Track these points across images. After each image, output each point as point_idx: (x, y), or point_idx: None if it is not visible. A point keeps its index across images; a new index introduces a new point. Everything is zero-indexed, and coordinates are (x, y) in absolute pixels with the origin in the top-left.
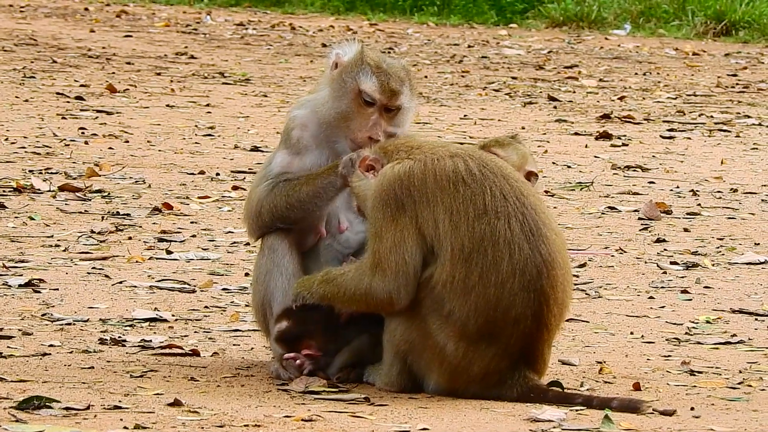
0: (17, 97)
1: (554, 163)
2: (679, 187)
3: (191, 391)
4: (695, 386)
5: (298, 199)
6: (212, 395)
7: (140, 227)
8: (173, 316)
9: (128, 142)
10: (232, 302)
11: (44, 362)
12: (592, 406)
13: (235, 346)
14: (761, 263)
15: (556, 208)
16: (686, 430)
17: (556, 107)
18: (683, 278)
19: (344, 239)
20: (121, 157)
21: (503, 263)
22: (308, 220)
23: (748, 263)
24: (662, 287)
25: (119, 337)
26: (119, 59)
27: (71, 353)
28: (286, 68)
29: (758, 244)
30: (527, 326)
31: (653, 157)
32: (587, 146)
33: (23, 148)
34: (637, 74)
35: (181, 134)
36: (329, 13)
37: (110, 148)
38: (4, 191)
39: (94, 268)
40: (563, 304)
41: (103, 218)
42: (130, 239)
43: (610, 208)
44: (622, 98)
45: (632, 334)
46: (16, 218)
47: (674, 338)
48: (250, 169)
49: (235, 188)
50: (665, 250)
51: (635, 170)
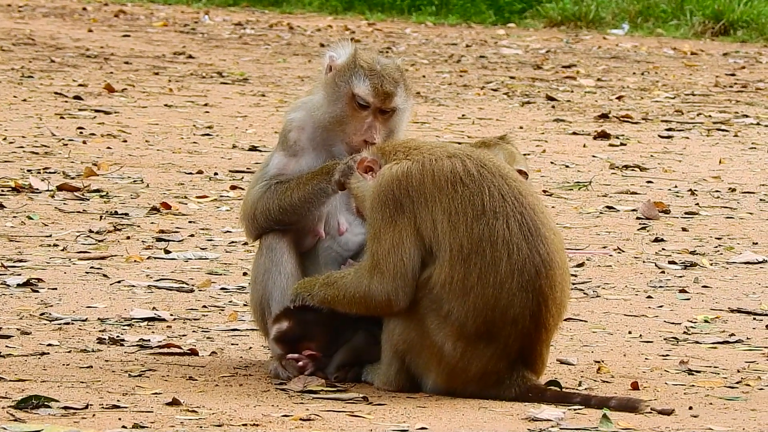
0: (15, 96)
1: (552, 162)
2: (677, 186)
3: (189, 390)
4: (693, 385)
5: (290, 203)
6: (210, 394)
7: (138, 227)
8: (171, 315)
9: (126, 141)
10: (230, 302)
11: (42, 362)
12: (590, 405)
13: (233, 345)
14: (759, 263)
15: (554, 207)
16: (684, 429)
17: (554, 107)
18: (681, 278)
19: (344, 241)
20: (119, 156)
21: (502, 263)
22: (303, 222)
23: (746, 262)
24: (660, 287)
25: (117, 336)
26: (117, 59)
27: (69, 353)
28: (284, 68)
29: (756, 243)
30: (525, 326)
31: (651, 156)
32: (585, 146)
33: (21, 147)
34: (635, 74)
35: (179, 134)
36: (327, 12)
37: (108, 147)
38: (2, 191)
39: (92, 267)
40: (561, 304)
41: (101, 218)
42: (128, 239)
43: (608, 207)
44: (620, 98)
45: (630, 333)
46: (14, 218)
47: (672, 337)
48: (248, 168)
49: (233, 188)
50: (663, 249)
51: (633, 170)
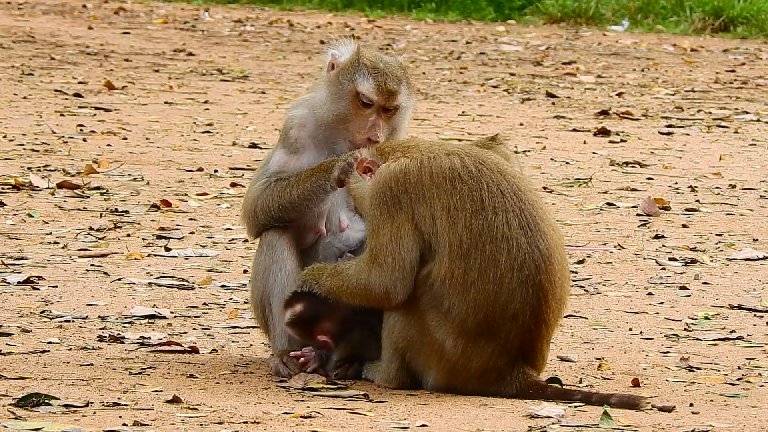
0: (15, 94)
1: (552, 159)
2: (677, 183)
3: (190, 387)
4: (694, 382)
5: (289, 200)
6: (211, 392)
7: (139, 224)
8: (172, 313)
9: (126, 139)
10: (230, 299)
11: (43, 359)
12: (591, 402)
13: (234, 342)
14: (760, 259)
15: (554, 204)
16: (685, 426)
17: (554, 103)
18: (682, 274)
19: (345, 237)
20: (119, 154)
21: (501, 259)
22: (304, 219)
23: (746, 259)
24: (661, 283)
25: (118, 334)
26: (117, 56)
27: (70, 350)
28: (284, 65)
29: (757, 239)
30: (526, 322)
31: (652, 153)
32: (585, 142)
33: (21, 145)
34: (635, 70)
35: (179, 131)
36: (327, 9)
37: (108, 145)
38: (2, 188)
39: (92, 265)
40: (561, 299)
41: (101, 215)
42: (128, 236)
43: (608, 204)
44: (620, 94)
45: (631, 330)
46: (14, 215)
47: (673, 334)
48: (248, 166)
49: (233, 185)
50: (664, 246)
51: (633, 166)
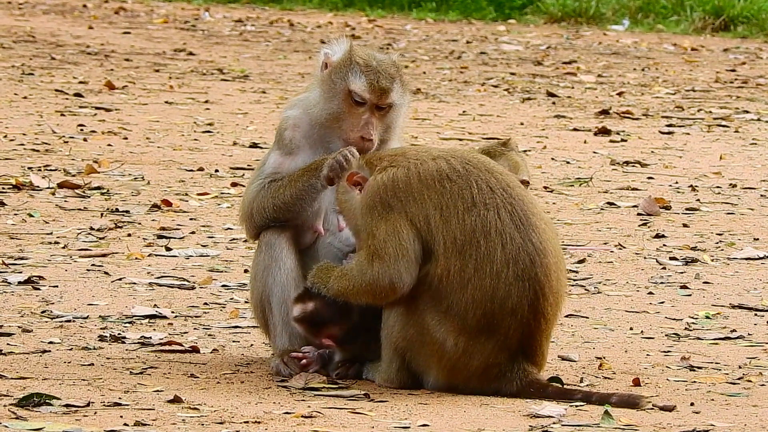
0: (16, 94)
1: (553, 158)
2: (678, 182)
3: (191, 387)
4: (695, 382)
5: (282, 201)
6: (212, 392)
7: (139, 224)
8: (173, 312)
9: (127, 138)
10: (231, 299)
11: (44, 359)
12: (591, 401)
13: (234, 342)
14: (760, 258)
15: (555, 204)
16: (686, 425)
17: (554, 103)
18: (682, 274)
19: (344, 237)
20: (120, 154)
21: (497, 254)
22: (300, 218)
23: (747, 258)
24: (661, 283)
25: (119, 334)
26: (118, 56)
27: (71, 350)
28: (284, 64)
29: (757, 239)
30: (524, 316)
31: (652, 152)
32: (586, 142)
33: (22, 145)
34: (635, 70)
35: (179, 131)
36: (327, 9)
37: (109, 144)
38: (3, 188)
39: (93, 265)
40: (558, 292)
41: (102, 215)
42: (129, 236)
43: (609, 203)
44: (620, 94)
45: (632, 329)
46: (15, 215)
47: (674, 334)
48: (249, 165)
49: (234, 185)
50: (664, 245)
51: (634, 166)
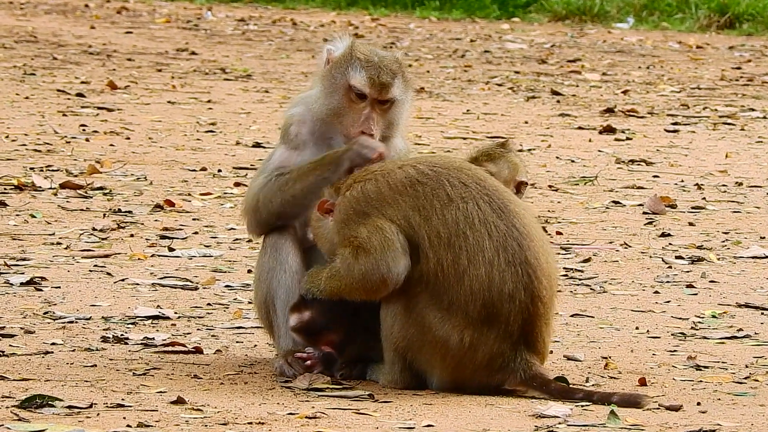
0: (18, 94)
1: (558, 157)
2: (683, 181)
3: (194, 388)
4: (701, 381)
5: (292, 194)
6: (215, 393)
7: (142, 224)
8: (176, 313)
9: (129, 138)
10: (234, 299)
11: (46, 360)
12: (593, 401)
13: (238, 343)
14: (767, 257)
15: (560, 202)
16: (693, 425)
17: (559, 101)
18: (688, 273)
19: None
20: (122, 154)
21: (485, 242)
22: (304, 215)
23: (753, 257)
24: (667, 282)
25: (122, 335)
26: (120, 56)
27: (73, 351)
28: (287, 64)
29: (764, 237)
30: (522, 300)
31: (657, 151)
32: (591, 140)
33: (24, 145)
34: (640, 68)
35: (182, 131)
36: (330, 8)
37: (111, 145)
38: (5, 189)
39: (96, 265)
40: (550, 275)
41: (104, 215)
42: (132, 236)
43: (614, 202)
44: (625, 92)
45: (638, 329)
46: (17, 216)
47: (680, 333)
48: (252, 165)
49: (237, 185)
50: (670, 244)
51: (639, 164)
